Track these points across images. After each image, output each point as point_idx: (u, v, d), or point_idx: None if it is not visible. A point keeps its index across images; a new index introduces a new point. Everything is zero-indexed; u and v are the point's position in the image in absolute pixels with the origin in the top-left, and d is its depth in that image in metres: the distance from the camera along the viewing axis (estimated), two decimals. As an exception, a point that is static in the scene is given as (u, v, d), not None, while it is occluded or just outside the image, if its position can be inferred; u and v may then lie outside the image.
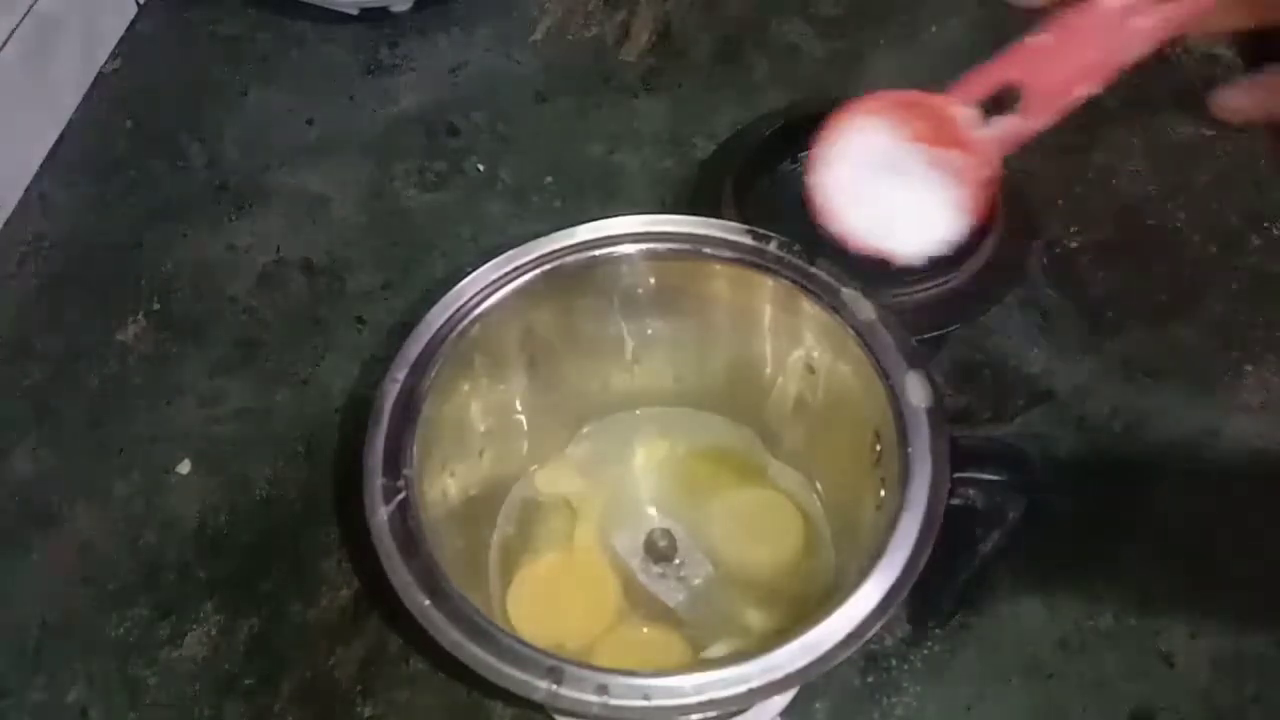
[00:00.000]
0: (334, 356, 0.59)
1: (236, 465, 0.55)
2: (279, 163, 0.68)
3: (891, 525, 0.36)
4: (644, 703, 0.33)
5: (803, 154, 0.60)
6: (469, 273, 0.44)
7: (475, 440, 0.46)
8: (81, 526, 0.53)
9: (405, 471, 0.38)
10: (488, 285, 0.43)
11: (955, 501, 0.38)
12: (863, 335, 0.41)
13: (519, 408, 0.48)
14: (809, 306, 0.43)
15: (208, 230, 0.65)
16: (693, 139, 0.67)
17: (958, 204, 0.40)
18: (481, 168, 0.67)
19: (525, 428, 0.48)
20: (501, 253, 0.44)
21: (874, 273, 0.42)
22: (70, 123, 0.70)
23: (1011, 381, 0.55)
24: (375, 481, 0.38)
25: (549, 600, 0.45)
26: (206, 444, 0.56)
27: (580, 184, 0.66)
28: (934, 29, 0.72)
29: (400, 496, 0.38)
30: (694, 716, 0.34)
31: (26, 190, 0.67)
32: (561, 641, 0.43)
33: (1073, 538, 0.50)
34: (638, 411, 0.51)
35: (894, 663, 0.47)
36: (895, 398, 0.39)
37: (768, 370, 0.47)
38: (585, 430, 0.50)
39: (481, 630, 0.35)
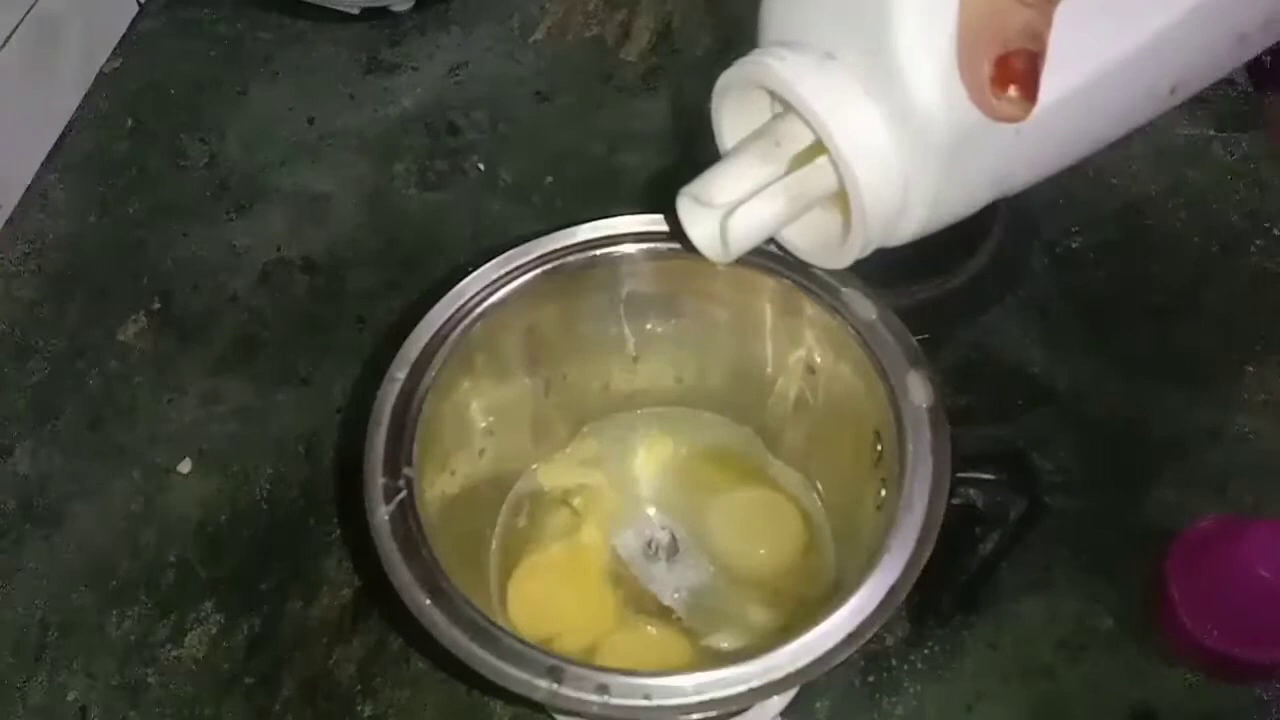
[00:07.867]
0: (334, 356, 0.59)
1: (236, 465, 0.55)
2: (280, 162, 0.68)
3: (891, 525, 0.36)
4: (644, 702, 0.33)
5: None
6: (470, 272, 0.44)
7: (476, 439, 0.46)
8: (81, 526, 0.53)
9: (405, 471, 0.38)
10: (488, 285, 0.43)
11: (955, 501, 0.37)
12: (863, 335, 0.41)
13: (520, 407, 0.48)
14: (809, 306, 0.42)
15: (208, 230, 0.65)
16: (693, 139, 0.67)
17: None
18: (482, 167, 0.67)
19: (526, 427, 0.48)
20: (502, 252, 0.44)
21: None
22: (71, 122, 0.70)
23: (1011, 381, 0.55)
24: (375, 481, 0.38)
25: (549, 599, 0.45)
26: (206, 444, 0.56)
27: (581, 184, 0.66)
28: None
29: (400, 496, 0.38)
30: (694, 716, 0.34)
31: (27, 190, 0.67)
32: (562, 641, 0.43)
33: (1073, 538, 0.50)
34: (638, 411, 0.51)
35: (894, 663, 0.47)
36: (896, 397, 0.39)
37: (768, 370, 0.47)
38: (586, 429, 0.50)
39: (482, 630, 0.35)
